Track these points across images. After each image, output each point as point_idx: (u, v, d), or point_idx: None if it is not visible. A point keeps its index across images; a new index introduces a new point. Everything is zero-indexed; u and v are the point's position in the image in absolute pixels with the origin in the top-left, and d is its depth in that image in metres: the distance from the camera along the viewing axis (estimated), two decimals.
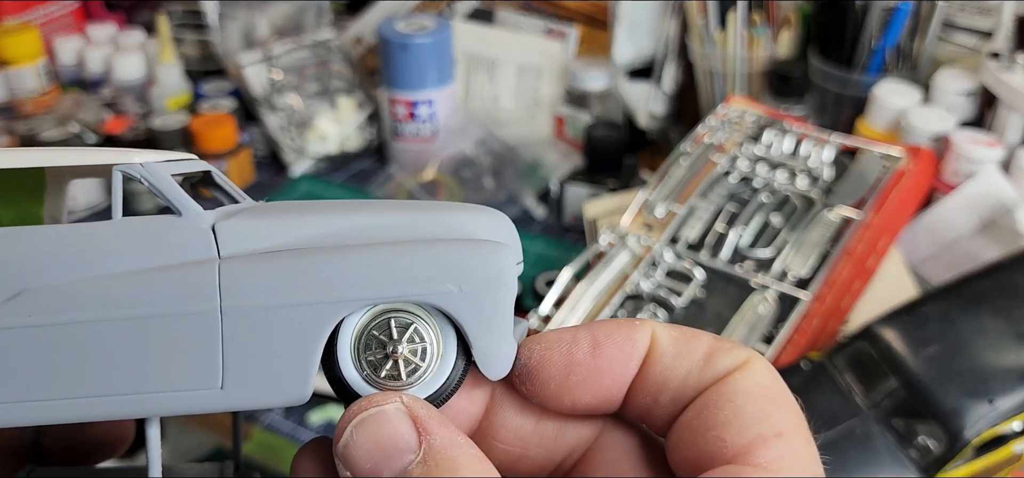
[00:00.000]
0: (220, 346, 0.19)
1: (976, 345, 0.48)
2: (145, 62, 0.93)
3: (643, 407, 0.21)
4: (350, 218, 0.20)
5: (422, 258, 0.19)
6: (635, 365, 0.21)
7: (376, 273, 0.19)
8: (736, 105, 0.70)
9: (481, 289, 0.20)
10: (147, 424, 0.20)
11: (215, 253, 0.20)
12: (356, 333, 0.20)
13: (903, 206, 0.60)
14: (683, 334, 0.21)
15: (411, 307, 0.20)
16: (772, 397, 0.19)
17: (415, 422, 0.19)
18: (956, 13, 0.73)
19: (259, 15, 0.92)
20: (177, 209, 0.20)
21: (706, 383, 0.20)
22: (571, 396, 0.21)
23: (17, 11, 0.96)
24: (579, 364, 0.20)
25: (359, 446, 0.19)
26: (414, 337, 0.20)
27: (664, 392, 0.20)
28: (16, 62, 0.89)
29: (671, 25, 0.82)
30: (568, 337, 0.21)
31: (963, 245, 0.63)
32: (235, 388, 0.19)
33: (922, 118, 0.66)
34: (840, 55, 0.72)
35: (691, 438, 0.20)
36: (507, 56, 0.89)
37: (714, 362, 0.20)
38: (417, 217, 0.21)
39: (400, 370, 0.20)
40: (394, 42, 0.81)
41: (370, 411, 0.19)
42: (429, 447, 0.18)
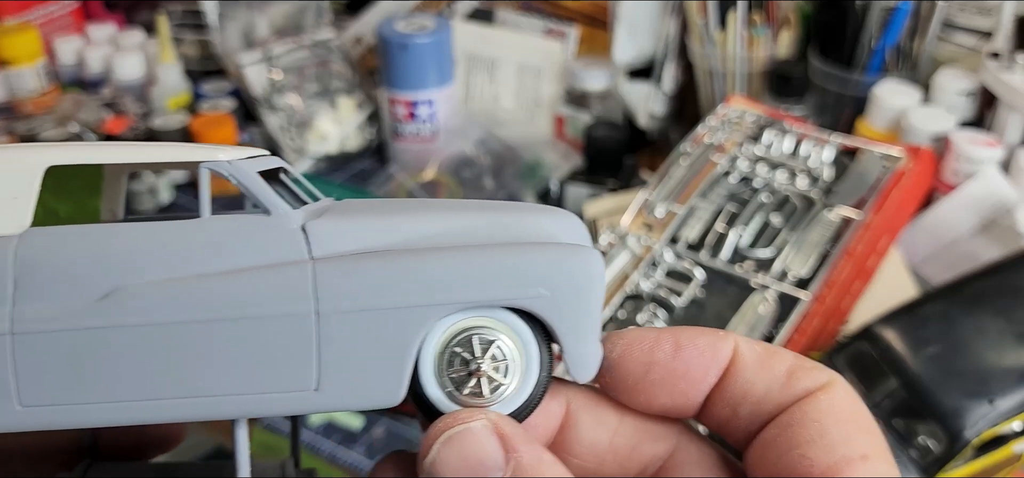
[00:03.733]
0: (316, 348, 0.19)
1: (976, 345, 0.48)
2: (145, 62, 0.93)
3: (722, 418, 0.21)
4: (435, 220, 0.20)
5: (515, 262, 0.19)
6: (715, 373, 0.21)
7: (470, 277, 0.19)
8: (736, 105, 0.70)
9: (572, 292, 0.19)
10: (236, 425, 0.20)
11: (307, 254, 0.19)
12: (438, 350, 0.20)
13: (903, 206, 0.60)
14: (765, 350, 0.21)
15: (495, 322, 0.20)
16: (856, 419, 0.20)
17: (502, 439, 0.19)
18: (956, 13, 0.73)
19: (259, 15, 0.92)
20: (266, 208, 0.20)
21: (787, 401, 0.20)
22: (648, 394, 0.21)
23: (17, 11, 0.95)
24: (659, 364, 0.21)
25: (446, 463, 0.19)
26: (496, 354, 0.20)
27: (744, 405, 0.20)
28: (16, 62, 0.89)
29: (671, 25, 0.82)
30: (651, 336, 0.21)
31: (963, 245, 0.63)
32: (330, 390, 0.19)
33: (922, 118, 0.66)
34: (840, 55, 0.72)
35: (774, 456, 0.20)
36: (507, 56, 0.89)
37: (796, 381, 0.20)
38: (500, 219, 0.21)
39: (483, 387, 0.20)
40: (394, 42, 0.81)
41: (457, 428, 0.19)
42: (517, 464, 0.18)
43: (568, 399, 0.22)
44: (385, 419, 0.59)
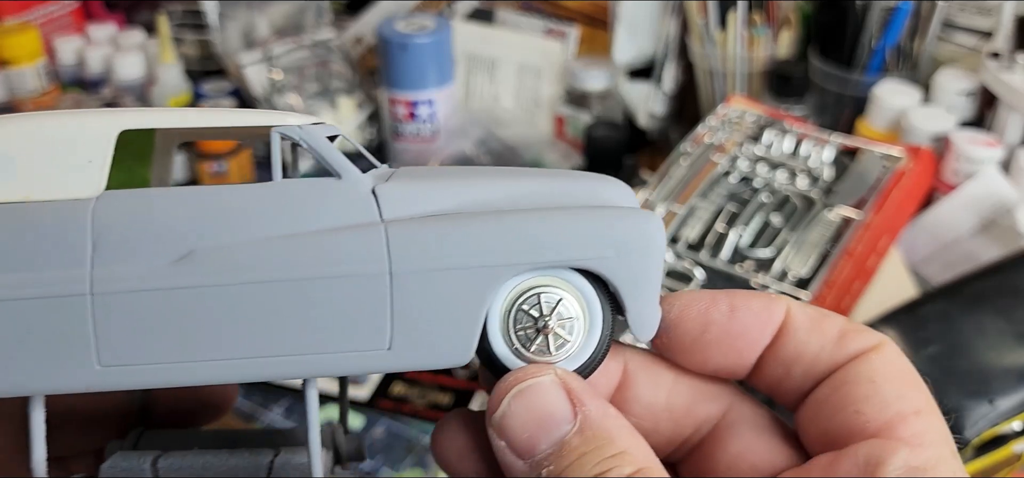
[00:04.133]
0: (389, 308, 0.19)
1: (976, 345, 0.48)
2: (145, 62, 0.93)
3: (774, 378, 0.22)
4: (498, 185, 0.21)
5: (583, 226, 0.20)
6: (769, 334, 0.21)
7: (539, 239, 0.20)
8: (736, 105, 0.70)
9: (636, 255, 0.20)
10: (307, 386, 0.20)
11: (378, 216, 0.20)
12: (505, 308, 0.20)
13: (903, 206, 0.60)
14: (817, 312, 0.21)
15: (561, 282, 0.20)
16: (907, 378, 0.20)
17: (569, 394, 0.19)
18: (956, 13, 0.73)
19: (259, 15, 0.92)
20: (337, 172, 0.20)
21: (839, 361, 0.21)
22: (703, 354, 0.22)
23: (17, 11, 0.96)
24: (715, 323, 0.21)
25: (516, 417, 0.19)
26: (562, 312, 0.20)
27: (797, 365, 0.21)
28: (16, 62, 0.89)
29: (671, 25, 0.82)
30: (707, 298, 0.22)
31: (963, 245, 0.63)
32: (402, 349, 0.19)
33: (922, 118, 0.66)
34: (840, 55, 0.72)
35: (828, 413, 0.20)
36: (507, 56, 0.89)
37: (847, 342, 0.21)
38: (560, 185, 0.21)
39: (549, 344, 0.20)
40: (394, 42, 0.81)
41: (526, 383, 0.19)
42: (585, 418, 0.19)
43: (625, 360, 0.22)
44: (385, 418, 0.59)
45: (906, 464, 0.19)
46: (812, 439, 0.21)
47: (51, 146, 0.19)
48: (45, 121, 0.20)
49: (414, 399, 0.60)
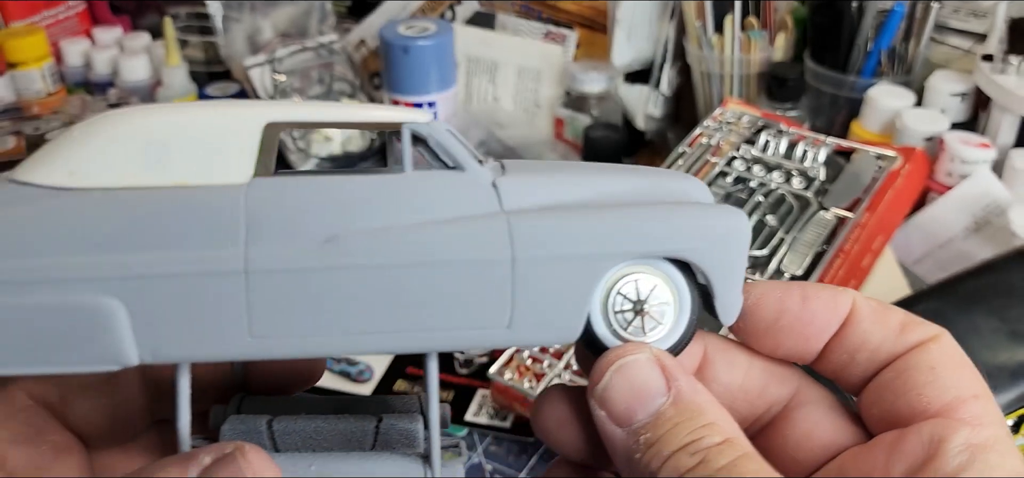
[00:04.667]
0: (511, 290, 0.21)
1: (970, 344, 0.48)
2: (151, 64, 0.94)
3: (839, 364, 0.23)
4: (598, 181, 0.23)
5: (680, 220, 0.22)
6: (836, 323, 0.23)
7: (642, 231, 0.22)
8: (733, 107, 0.71)
9: (726, 247, 0.22)
10: (428, 358, 0.22)
11: (499, 207, 0.22)
12: (605, 293, 0.22)
13: (897, 206, 0.61)
14: (880, 305, 0.23)
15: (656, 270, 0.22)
16: (965, 366, 0.22)
17: (663, 370, 0.21)
18: (949, 16, 0.74)
19: (263, 18, 0.93)
20: (461, 165, 0.22)
21: (900, 350, 0.22)
22: (776, 339, 0.24)
23: (24, 14, 0.97)
24: (788, 311, 0.23)
25: (616, 389, 0.21)
26: (656, 298, 0.22)
27: (861, 352, 0.23)
28: (23, 64, 0.91)
29: (669, 28, 0.83)
30: (782, 287, 0.24)
31: (956, 245, 0.64)
32: (520, 327, 0.21)
33: (916, 120, 0.67)
34: (835, 58, 0.73)
35: (892, 397, 0.22)
36: (507, 59, 0.90)
37: (908, 332, 0.23)
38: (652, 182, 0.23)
39: (644, 326, 0.22)
40: (396, 45, 0.82)
41: (626, 359, 0.21)
42: (677, 392, 0.21)
43: (705, 344, 0.25)
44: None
45: (967, 442, 0.20)
46: (875, 420, 0.23)
47: (204, 135, 0.21)
48: (198, 112, 0.21)
49: None
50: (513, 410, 0.57)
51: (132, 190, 0.20)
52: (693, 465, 0.20)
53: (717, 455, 0.20)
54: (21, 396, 0.24)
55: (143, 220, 0.20)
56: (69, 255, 0.20)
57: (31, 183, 0.20)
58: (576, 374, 0.55)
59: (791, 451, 0.24)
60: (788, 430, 0.24)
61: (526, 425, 0.57)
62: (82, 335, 0.20)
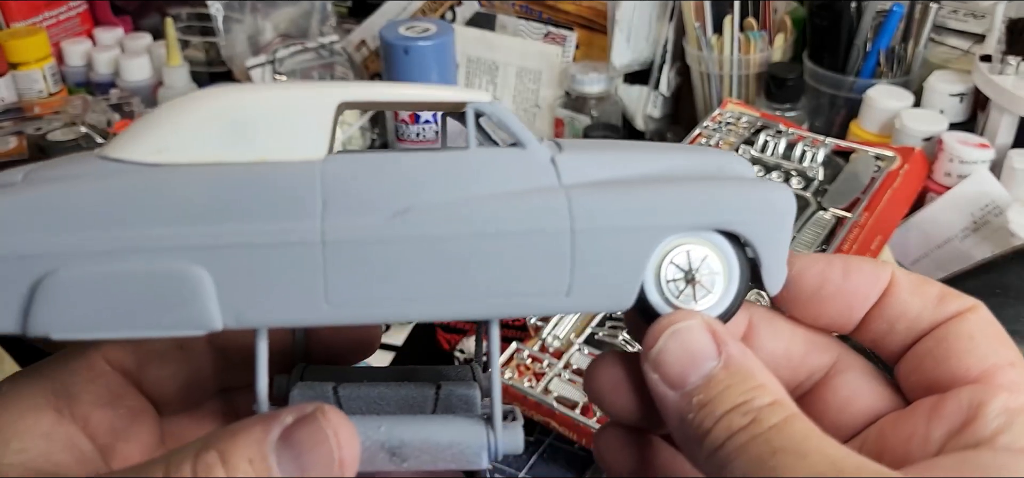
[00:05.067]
0: (570, 260, 0.22)
1: None
2: (152, 65, 0.94)
3: (879, 333, 0.25)
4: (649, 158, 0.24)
5: (730, 194, 0.23)
6: (876, 293, 0.24)
7: (695, 204, 0.23)
8: (732, 108, 0.71)
9: (773, 219, 0.23)
10: (491, 325, 0.23)
11: (558, 182, 0.23)
12: (658, 262, 0.23)
13: (895, 207, 0.61)
14: (919, 277, 0.25)
15: (706, 242, 0.23)
16: (1000, 335, 0.23)
17: (714, 336, 0.22)
18: (948, 16, 0.75)
19: (264, 19, 0.94)
20: (522, 142, 0.23)
21: (938, 320, 0.24)
22: (818, 308, 0.25)
23: (26, 15, 0.97)
24: (830, 282, 0.24)
25: (670, 353, 0.22)
26: (706, 268, 0.23)
27: (900, 321, 0.24)
28: (25, 64, 0.91)
29: (668, 29, 0.83)
30: (824, 259, 0.25)
31: (955, 245, 0.64)
32: (578, 295, 0.22)
33: (914, 120, 0.67)
34: (834, 59, 0.73)
35: (931, 365, 0.23)
36: (507, 60, 0.90)
37: (946, 303, 0.24)
38: (701, 159, 0.25)
39: (694, 295, 0.24)
40: (397, 46, 0.82)
41: (679, 325, 0.23)
42: (728, 356, 0.22)
43: (750, 314, 0.26)
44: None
45: (1005, 406, 0.21)
46: (913, 387, 0.24)
47: (283, 114, 0.22)
48: (277, 92, 0.23)
49: None
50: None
51: (216, 166, 0.22)
52: (745, 424, 0.20)
53: (768, 414, 0.21)
54: (101, 362, 0.25)
55: (228, 193, 0.21)
56: (160, 226, 0.21)
57: (121, 159, 0.22)
58: (575, 373, 0.55)
59: (832, 417, 0.25)
60: (829, 396, 0.25)
61: (526, 424, 0.57)
62: (172, 301, 0.21)
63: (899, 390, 0.25)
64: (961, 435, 0.21)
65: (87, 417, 0.24)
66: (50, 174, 0.22)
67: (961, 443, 0.21)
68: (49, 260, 0.21)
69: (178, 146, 0.22)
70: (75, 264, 0.21)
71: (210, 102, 0.22)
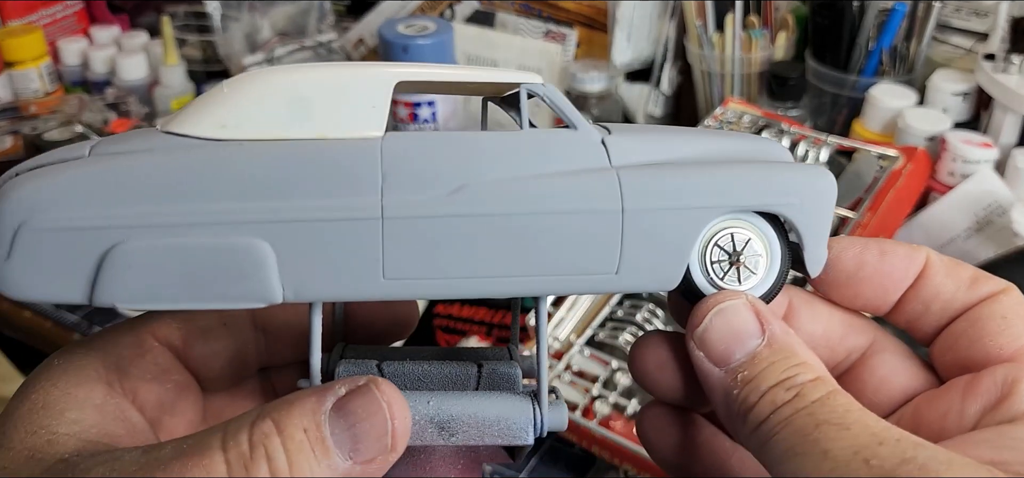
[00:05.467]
0: (620, 239, 0.23)
1: None
2: (148, 63, 0.93)
3: (914, 314, 0.25)
4: (694, 142, 0.25)
5: (774, 177, 0.24)
6: (912, 275, 0.25)
7: (742, 186, 0.23)
8: (733, 107, 0.71)
9: (815, 202, 0.24)
10: (539, 302, 0.24)
11: (608, 163, 0.23)
12: (703, 245, 0.24)
13: (898, 206, 0.61)
14: (952, 261, 0.25)
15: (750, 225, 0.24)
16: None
17: (758, 315, 0.23)
18: (951, 15, 0.74)
19: (262, 17, 0.93)
20: (574, 124, 0.24)
21: (971, 302, 0.24)
22: (856, 289, 0.25)
23: (22, 13, 0.96)
24: (868, 264, 0.25)
25: (715, 331, 0.23)
26: (750, 250, 0.24)
27: (935, 302, 0.25)
28: (21, 63, 0.90)
29: (669, 27, 0.82)
30: (861, 243, 0.26)
31: (958, 245, 0.64)
32: (627, 274, 0.23)
33: (917, 119, 0.66)
34: (837, 57, 0.73)
35: (965, 344, 0.24)
36: (507, 58, 0.90)
37: (979, 285, 0.24)
38: (743, 144, 0.25)
39: (739, 276, 0.24)
40: (395, 44, 0.82)
41: (724, 304, 0.23)
42: (771, 335, 0.23)
43: (790, 296, 0.26)
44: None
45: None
46: (947, 366, 0.25)
47: (342, 92, 0.23)
48: (337, 71, 0.23)
49: None
50: None
51: (278, 142, 0.22)
52: (789, 399, 0.21)
53: (811, 390, 0.21)
54: (150, 338, 0.26)
55: (289, 169, 0.22)
56: (223, 201, 0.21)
57: (185, 134, 0.22)
58: (576, 375, 0.55)
59: (869, 395, 0.25)
60: (866, 376, 0.26)
61: None
62: (234, 274, 0.21)
63: (933, 371, 0.25)
64: (996, 411, 0.22)
65: (136, 390, 0.25)
66: (116, 148, 0.22)
67: (996, 418, 0.22)
68: (116, 232, 0.21)
69: (240, 122, 0.22)
70: (141, 236, 0.21)
71: (271, 79, 0.23)
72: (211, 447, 0.20)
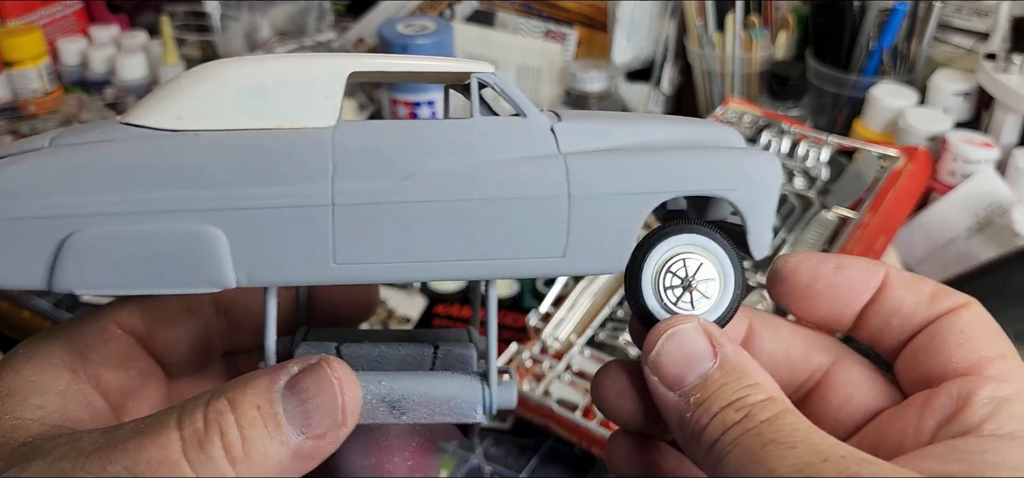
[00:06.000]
0: (566, 224, 0.23)
1: None
2: (148, 63, 0.93)
3: (875, 329, 0.25)
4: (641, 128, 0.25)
5: (717, 162, 0.24)
6: (870, 290, 0.25)
7: (685, 172, 0.24)
8: (734, 106, 0.71)
9: (759, 186, 0.24)
10: (489, 285, 0.24)
11: (557, 150, 0.24)
12: (656, 271, 0.24)
13: (899, 206, 0.61)
14: (912, 276, 0.25)
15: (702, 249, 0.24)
16: (992, 330, 0.24)
17: (710, 338, 0.23)
18: (952, 14, 0.74)
19: (261, 17, 0.93)
20: (523, 112, 0.24)
21: (932, 316, 0.24)
22: (813, 302, 0.25)
23: (21, 13, 0.96)
24: (823, 277, 0.25)
25: (668, 355, 0.23)
26: (702, 275, 0.24)
27: (895, 317, 0.25)
28: (20, 63, 0.90)
29: (669, 27, 0.82)
30: (818, 256, 0.26)
31: (959, 245, 0.64)
32: (574, 257, 0.24)
33: (918, 119, 0.66)
34: (837, 57, 0.73)
35: (924, 360, 0.24)
36: (508, 58, 0.90)
37: (939, 300, 0.25)
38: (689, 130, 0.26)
39: (692, 301, 0.24)
40: (395, 43, 0.81)
41: (676, 329, 0.24)
42: (723, 357, 0.23)
43: (751, 318, 0.27)
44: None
45: (993, 395, 0.22)
46: (909, 382, 0.25)
47: (295, 83, 0.23)
48: (290, 63, 0.24)
49: None
50: (512, 412, 0.57)
51: (232, 132, 0.23)
52: (739, 419, 0.21)
53: (760, 410, 0.21)
54: (113, 326, 0.26)
55: (242, 158, 0.22)
56: (177, 189, 0.22)
57: (143, 125, 0.23)
58: (576, 375, 0.54)
59: (833, 414, 0.26)
60: (830, 395, 0.26)
61: (526, 426, 0.56)
62: (188, 260, 0.22)
63: (898, 387, 0.25)
64: (950, 424, 0.22)
65: (99, 377, 0.25)
66: (76, 139, 0.23)
67: (950, 432, 0.22)
68: (74, 220, 0.22)
69: (196, 113, 0.23)
70: (99, 224, 0.22)
71: (226, 71, 0.23)
72: (167, 426, 0.21)
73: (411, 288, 0.71)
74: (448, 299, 0.69)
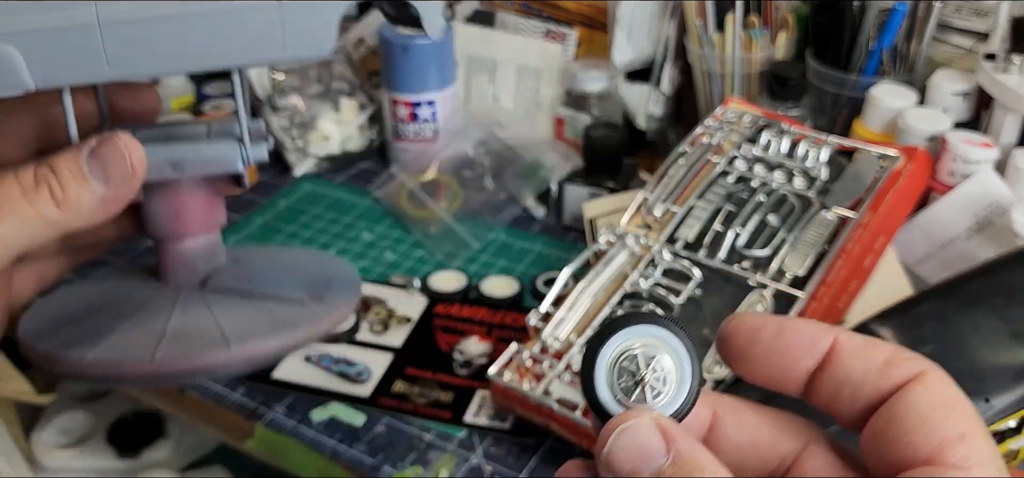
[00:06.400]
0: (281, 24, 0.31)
1: (971, 344, 0.48)
2: None
3: (826, 397, 0.24)
4: None
5: None
6: (815, 356, 0.24)
7: None
8: (734, 106, 0.71)
9: None
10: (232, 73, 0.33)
11: None
12: (610, 365, 0.24)
13: (899, 206, 0.61)
14: (865, 340, 0.24)
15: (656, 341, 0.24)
16: (951, 403, 0.23)
17: (663, 433, 0.23)
18: (952, 14, 0.74)
19: None
20: None
21: (886, 388, 0.23)
22: (752, 365, 0.25)
23: None
24: (762, 341, 0.25)
25: (620, 451, 0.23)
26: (657, 368, 0.24)
27: (845, 387, 0.24)
28: None
29: (669, 27, 0.82)
30: (761, 318, 0.25)
31: (959, 245, 0.64)
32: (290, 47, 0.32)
33: (918, 119, 0.66)
34: (837, 57, 0.73)
35: (886, 445, 0.23)
36: (507, 58, 0.90)
37: (892, 369, 0.23)
38: None
39: (647, 395, 0.24)
40: (395, 44, 0.81)
41: (628, 423, 0.23)
42: (677, 452, 0.23)
43: (714, 406, 0.26)
44: (387, 417, 0.59)
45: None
46: (876, 468, 0.24)
47: None
48: None
49: (415, 397, 0.61)
50: (513, 411, 0.57)
51: None
52: None
53: None
54: None
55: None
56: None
57: None
58: (575, 375, 0.55)
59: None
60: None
61: (526, 426, 0.57)
62: None
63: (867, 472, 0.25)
64: None
65: None
66: None
67: None
68: None
69: None
70: None
71: None
72: (5, 176, 0.30)
73: (411, 289, 0.71)
74: (448, 299, 0.69)
